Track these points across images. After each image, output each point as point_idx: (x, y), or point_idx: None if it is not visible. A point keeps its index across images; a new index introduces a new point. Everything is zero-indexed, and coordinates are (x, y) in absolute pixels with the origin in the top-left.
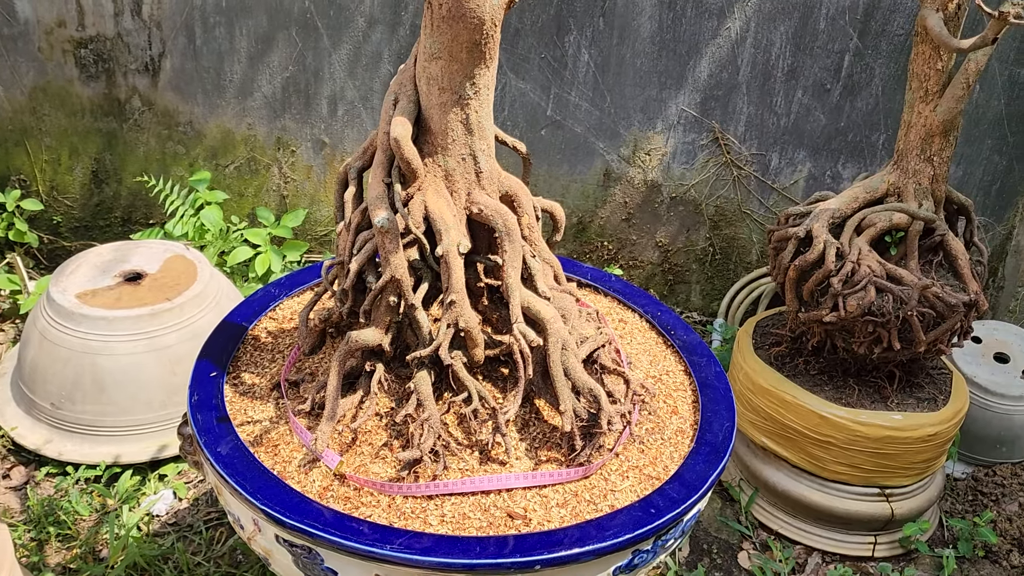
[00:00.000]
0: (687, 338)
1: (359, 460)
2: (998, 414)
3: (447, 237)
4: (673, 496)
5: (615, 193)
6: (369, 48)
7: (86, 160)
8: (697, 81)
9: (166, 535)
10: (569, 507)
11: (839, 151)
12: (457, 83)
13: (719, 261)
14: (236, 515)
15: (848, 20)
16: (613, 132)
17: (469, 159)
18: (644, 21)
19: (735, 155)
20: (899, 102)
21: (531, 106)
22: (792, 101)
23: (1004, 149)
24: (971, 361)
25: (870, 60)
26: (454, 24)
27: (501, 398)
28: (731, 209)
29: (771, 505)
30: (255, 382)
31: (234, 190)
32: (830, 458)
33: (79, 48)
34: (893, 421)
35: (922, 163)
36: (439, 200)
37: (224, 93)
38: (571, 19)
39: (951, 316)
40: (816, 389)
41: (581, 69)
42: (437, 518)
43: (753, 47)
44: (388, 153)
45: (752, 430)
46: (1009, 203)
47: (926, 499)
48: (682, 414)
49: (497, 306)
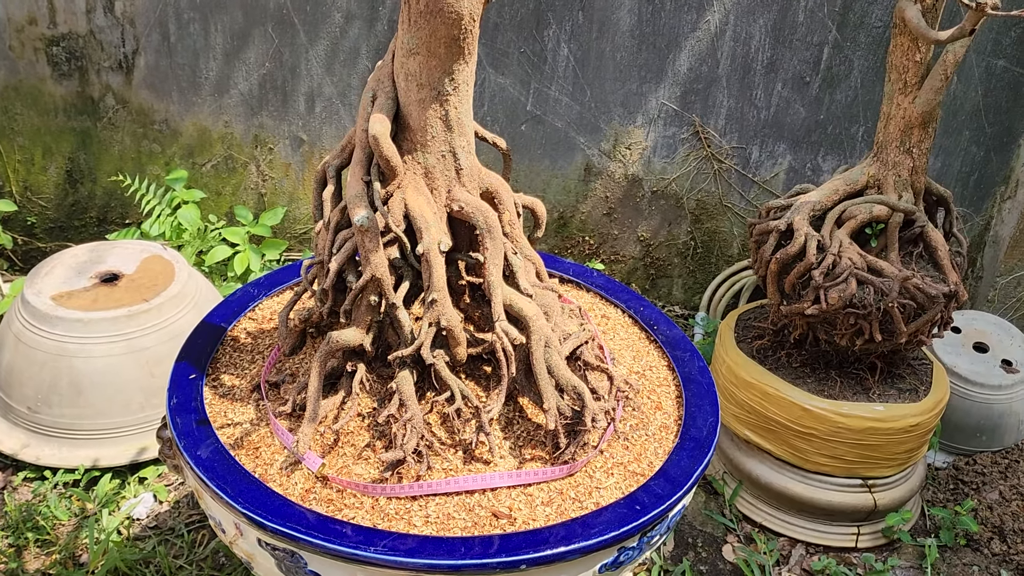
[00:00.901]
0: (670, 333)
1: (341, 461)
2: (978, 403)
3: (428, 235)
4: (658, 492)
5: (596, 188)
6: (346, 44)
7: (60, 160)
8: (677, 75)
9: (147, 539)
10: (554, 505)
11: (819, 144)
12: (436, 79)
13: (700, 255)
14: (217, 519)
15: (827, 12)
16: (593, 127)
17: (449, 156)
18: (623, 15)
19: (715, 149)
20: (878, 94)
21: (511, 101)
22: (772, 94)
23: (982, 140)
24: (951, 351)
25: (849, 52)
26: (432, 19)
27: (484, 397)
28: (712, 203)
29: (755, 498)
30: (235, 384)
31: (211, 188)
32: (813, 450)
33: (51, 46)
34: (875, 412)
35: (901, 155)
36: (419, 198)
37: (200, 90)
38: (550, 13)
39: (932, 307)
40: (798, 381)
41: (561, 63)
42: (421, 519)
43: (732, 40)
44: (367, 151)
45: (735, 423)
46: (987, 194)
47: (908, 489)
48: (666, 410)
49: (479, 304)
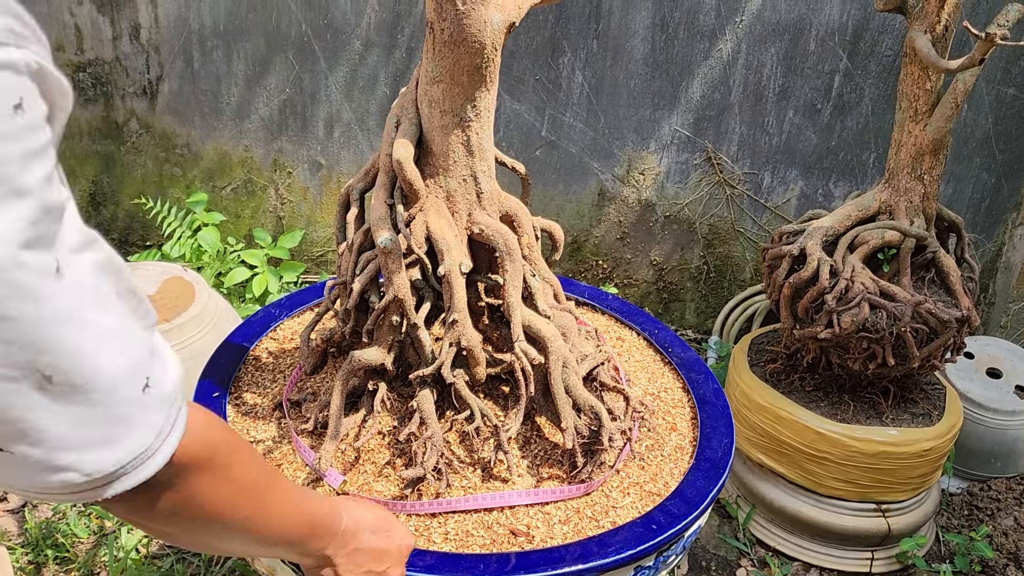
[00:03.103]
0: (684, 355)
1: (362, 479)
2: (992, 429)
3: (449, 257)
4: (674, 512)
5: (610, 212)
6: (365, 71)
7: (84, 183)
8: (690, 101)
9: (165, 556)
10: (571, 524)
11: (830, 170)
12: (458, 106)
13: (713, 279)
14: None
15: (838, 41)
16: (607, 152)
17: (470, 180)
18: (637, 43)
19: (728, 174)
20: (889, 121)
21: (526, 127)
22: (784, 121)
23: (993, 167)
24: (964, 376)
25: (860, 80)
26: (455, 48)
27: (503, 416)
28: (724, 227)
29: (768, 522)
30: (257, 402)
31: (231, 211)
32: (826, 474)
33: (77, 72)
34: (888, 436)
35: (913, 181)
36: (441, 220)
37: (221, 115)
38: (565, 41)
39: (944, 332)
40: (812, 405)
41: (575, 90)
42: (441, 536)
43: (745, 68)
44: (390, 174)
45: (748, 447)
46: (998, 220)
47: (922, 514)
48: (681, 431)
49: (498, 325)
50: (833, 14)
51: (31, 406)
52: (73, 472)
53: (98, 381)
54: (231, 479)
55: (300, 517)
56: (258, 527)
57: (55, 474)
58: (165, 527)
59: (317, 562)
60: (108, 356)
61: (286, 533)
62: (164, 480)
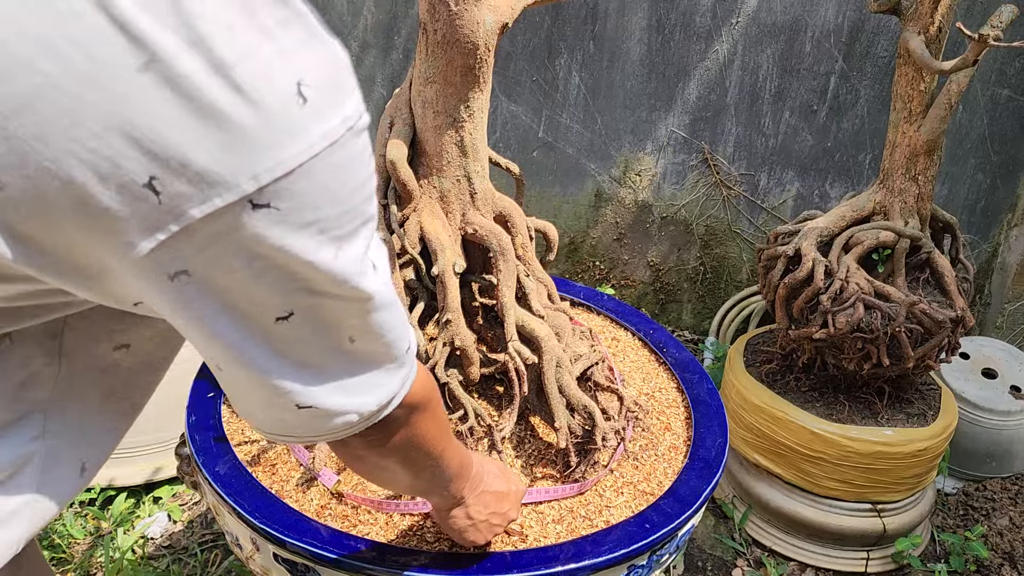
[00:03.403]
0: (679, 356)
1: (357, 478)
2: (987, 429)
3: (442, 257)
4: (668, 511)
5: (606, 213)
6: (362, 72)
7: None
8: (686, 103)
9: (161, 557)
10: (565, 523)
11: (826, 171)
12: (451, 106)
13: (710, 280)
14: (234, 535)
15: (833, 43)
16: (604, 153)
17: (464, 180)
18: (633, 44)
19: (724, 175)
20: (884, 122)
21: (523, 128)
22: (780, 122)
23: (988, 168)
24: (960, 377)
25: (855, 82)
26: (448, 49)
27: (497, 416)
28: (721, 228)
29: (764, 522)
30: None
31: None
32: (822, 474)
33: None
34: (884, 436)
35: (907, 182)
36: (434, 221)
37: None
38: (562, 43)
39: (938, 332)
40: (807, 406)
41: (572, 92)
42: (434, 535)
43: (741, 69)
44: (384, 175)
45: (744, 447)
46: (994, 221)
47: (918, 514)
48: (675, 430)
49: (492, 325)
50: (828, 15)
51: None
52: (352, 414)
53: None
54: (436, 417)
55: (460, 456)
56: (444, 461)
57: (340, 418)
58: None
59: (449, 503)
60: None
61: (453, 469)
62: (400, 417)
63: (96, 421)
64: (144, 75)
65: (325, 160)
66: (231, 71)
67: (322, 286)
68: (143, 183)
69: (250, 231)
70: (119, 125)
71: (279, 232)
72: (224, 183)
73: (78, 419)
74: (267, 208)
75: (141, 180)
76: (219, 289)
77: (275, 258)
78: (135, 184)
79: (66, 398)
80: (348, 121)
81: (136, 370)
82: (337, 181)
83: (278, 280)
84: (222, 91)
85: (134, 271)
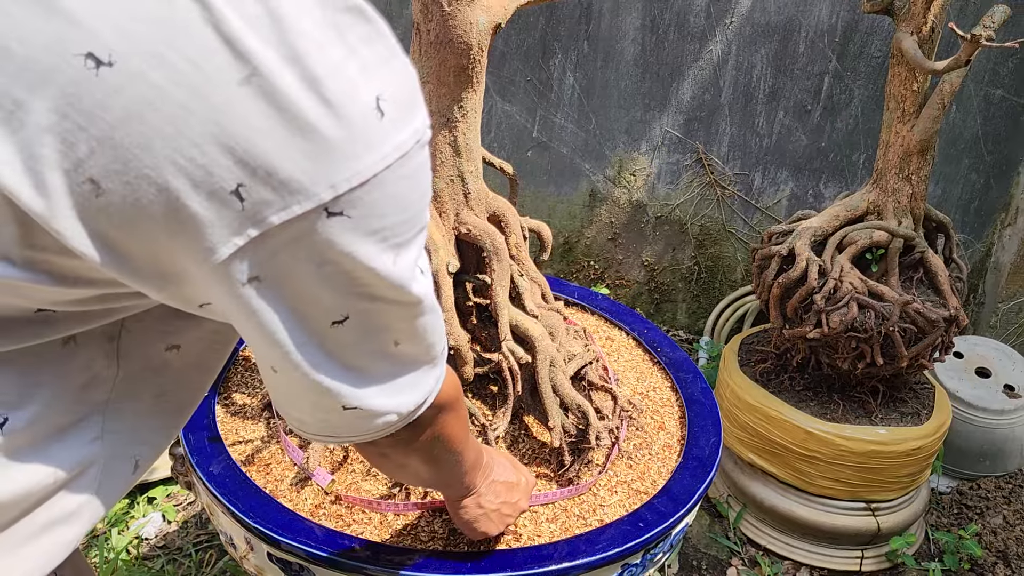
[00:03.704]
0: (673, 355)
1: (350, 478)
2: (981, 428)
3: (436, 257)
4: (661, 510)
5: (601, 213)
6: None
7: None
8: (680, 103)
9: (155, 558)
10: (559, 522)
11: (820, 171)
12: (445, 106)
13: (704, 280)
14: (229, 534)
15: (827, 43)
16: (598, 153)
17: (457, 180)
18: (627, 44)
19: (719, 175)
20: (878, 122)
21: (517, 128)
22: (774, 122)
23: (981, 168)
24: (953, 376)
25: (849, 82)
26: (441, 49)
27: (491, 415)
28: (715, 228)
29: (759, 521)
30: (246, 402)
31: None
32: (816, 473)
33: None
34: (878, 435)
35: (901, 182)
36: (428, 221)
37: None
38: (556, 43)
39: (932, 331)
40: (801, 405)
41: (566, 91)
42: (428, 534)
43: (735, 69)
44: None
45: (739, 446)
46: (988, 221)
47: (912, 513)
48: (669, 429)
49: (486, 324)
50: (822, 16)
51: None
52: (392, 414)
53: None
54: (460, 416)
55: (476, 449)
56: (463, 456)
57: (382, 418)
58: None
59: (461, 493)
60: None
61: (470, 462)
62: (429, 416)
63: (149, 420)
64: (244, 88)
65: (396, 172)
66: (321, 85)
67: (379, 291)
68: (231, 190)
69: (322, 237)
70: (216, 134)
71: (348, 239)
72: (304, 191)
73: (132, 419)
74: (340, 216)
75: (230, 187)
76: (286, 294)
77: (341, 263)
78: (224, 191)
79: (123, 399)
80: (417, 134)
81: (186, 370)
82: (404, 191)
83: (341, 284)
84: (312, 104)
85: (212, 276)
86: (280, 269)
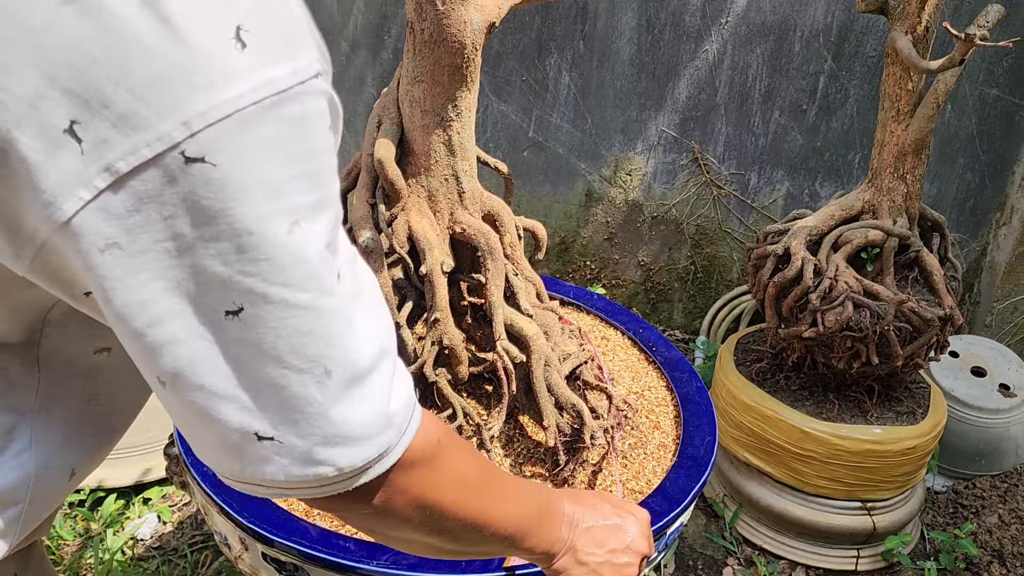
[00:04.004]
0: (669, 354)
1: None
2: (976, 427)
3: (431, 256)
4: (656, 509)
5: (597, 213)
6: (352, 72)
7: None
8: (676, 102)
9: (151, 559)
10: None
11: (816, 170)
12: (439, 105)
13: (700, 279)
14: (223, 534)
15: (822, 42)
16: (594, 153)
17: (452, 179)
18: (623, 44)
19: (715, 175)
20: (873, 122)
21: (513, 128)
22: (769, 122)
23: (976, 167)
24: (949, 375)
25: (844, 81)
26: (436, 48)
27: (485, 414)
28: (711, 228)
29: (755, 520)
30: None
31: None
32: (812, 472)
33: None
34: (873, 435)
35: (896, 181)
36: (422, 220)
37: None
38: (552, 42)
39: (927, 330)
40: (797, 404)
41: (562, 91)
42: None
43: (730, 69)
44: (372, 174)
45: (735, 446)
46: (983, 220)
47: (907, 512)
48: (664, 429)
49: (481, 324)
50: (818, 15)
51: (309, 399)
52: (328, 466)
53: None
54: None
55: (528, 506)
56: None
57: (312, 467)
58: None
59: (552, 550)
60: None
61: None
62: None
63: (81, 427)
64: (67, 6)
65: (270, 113)
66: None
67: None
68: (64, 128)
69: (184, 189)
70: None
71: (216, 192)
72: (150, 127)
73: (62, 426)
74: (202, 163)
75: (62, 124)
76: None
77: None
78: (55, 129)
79: (49, 406)
80: (300, 74)
81: (120, 373)
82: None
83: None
84: (148, 24)
85: (64, 243)
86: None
